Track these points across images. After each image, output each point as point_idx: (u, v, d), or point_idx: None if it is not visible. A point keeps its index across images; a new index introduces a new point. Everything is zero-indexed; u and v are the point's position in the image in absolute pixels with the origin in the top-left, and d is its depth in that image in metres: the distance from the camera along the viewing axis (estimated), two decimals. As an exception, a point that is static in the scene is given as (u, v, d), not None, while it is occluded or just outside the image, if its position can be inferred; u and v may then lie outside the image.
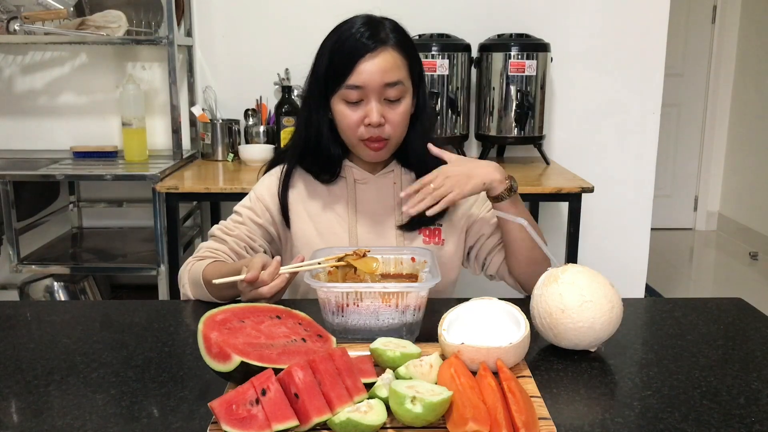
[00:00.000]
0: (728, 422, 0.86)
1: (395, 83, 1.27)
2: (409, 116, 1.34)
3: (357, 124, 1.29)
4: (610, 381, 0.97)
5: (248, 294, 1.15)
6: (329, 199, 1.39)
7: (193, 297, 1.31)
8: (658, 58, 2.82)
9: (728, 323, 1.19)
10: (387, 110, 1.29)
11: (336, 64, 1.28)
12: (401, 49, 1.29)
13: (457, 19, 2.75)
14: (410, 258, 1.21)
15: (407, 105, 1.31)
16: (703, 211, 4.95)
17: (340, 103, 1.30)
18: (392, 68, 1.27)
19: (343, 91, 1.28)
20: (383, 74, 1.26)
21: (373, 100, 1.27)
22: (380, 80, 1.26)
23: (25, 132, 2.88)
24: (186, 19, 2.75)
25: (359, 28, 1.28)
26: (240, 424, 0.78)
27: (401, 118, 1.30)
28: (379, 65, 1.26)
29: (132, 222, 2.94)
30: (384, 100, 1.28)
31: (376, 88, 1.26)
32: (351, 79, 1.26)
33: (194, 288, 1.30)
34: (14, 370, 1.00)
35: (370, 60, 1.26)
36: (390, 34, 1.29)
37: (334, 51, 1.29)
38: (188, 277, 1.32)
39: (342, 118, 1.30)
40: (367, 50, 1.26)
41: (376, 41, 1.27)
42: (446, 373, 0.88)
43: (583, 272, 1.06)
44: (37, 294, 2.70)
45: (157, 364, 1.02)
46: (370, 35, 1.27)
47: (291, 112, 2.68)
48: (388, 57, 1.27)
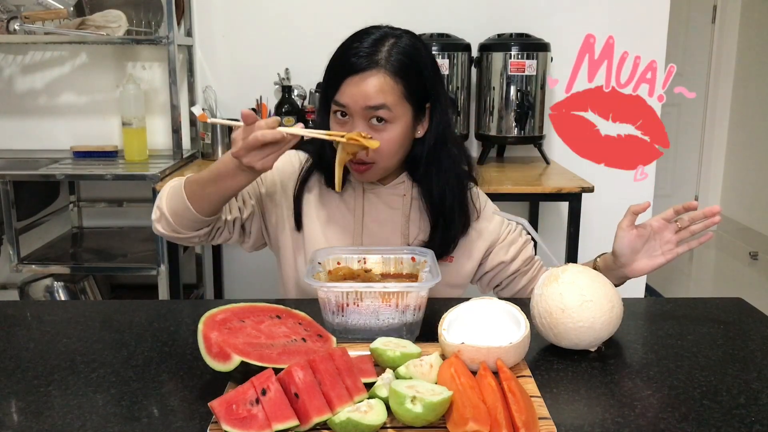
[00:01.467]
0: (728, 422, 0.86)
1: (379, 107, 1.21)
2: (403, 142, 1.27)
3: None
4: (610, 381, 0.97)
5: (240, 142, 1.10)
6: (339, 206, 1.36)
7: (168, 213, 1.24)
8: (658, 58, 2.81)
9: (728, 323, 1.19)
10: (372, 134, 1.22)
11: (329, 78, 1.26)
12: (397, 75, 1.22)
13: (457, 19, 2.75)
14: (410, 258, 1.21)
15: (397, 131, 1.24)
16: (703, 211, 4.95)
17: (332, 116, 1.27)
18: (377, 92, 1.20)
19: (333, 106, 1.25)
20: (365, 98, 1.21)
21: (357, 121, 1.23)
22: (362, 103, 1.21)
23: (25, 132, 2.88)
24: (186, 19, 2.75)
25: (362, 42, 1.23)
26: (240, 423, 0.78)
27: (387, 144, 1.23)
28: (362, 88, 1.21)
29: (132, 222, 2.94)
30: (370, 121, 1.23)
31: (359, 110, 1.22)
32: (337, 96, 1.23)
33: (170, 199, 1.24)
34: (14, 369, 1.00)
35: (354, 81, 1.21)
36: (391, 55, 1.22)
37: (331, 63, 1.26)
38: (168, 191, 1.27)
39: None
40: (355, 70, 1.21)
41: (368, 61, 1.21)
42: (446, 373, 0.88)
43: (584, 272, 1.06)
44: (37, 294, 2.69)
45: (157, 364, 1.02)
46: (366, 54, 1.21)
47: (291, 112, 2.68)
48: (375, 81, 1.21)
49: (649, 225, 1.21)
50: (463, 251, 1.37)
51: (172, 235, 1.28)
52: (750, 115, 4.55)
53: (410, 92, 1.24)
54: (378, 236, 1.35)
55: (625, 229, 1.21)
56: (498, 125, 2.62)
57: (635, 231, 1.21)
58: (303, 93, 2.77)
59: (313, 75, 2.73)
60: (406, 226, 1.36)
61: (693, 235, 1.20)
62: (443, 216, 1.32)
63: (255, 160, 1.11)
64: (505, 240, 1.39)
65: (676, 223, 1.20)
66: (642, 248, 1.22)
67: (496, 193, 2.25)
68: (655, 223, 1.21)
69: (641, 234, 1.21)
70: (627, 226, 1.21)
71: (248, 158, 1.11)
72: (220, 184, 1.19)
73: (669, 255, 1.21)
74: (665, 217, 1.20)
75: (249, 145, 1.10)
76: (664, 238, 1.21)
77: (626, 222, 1.21)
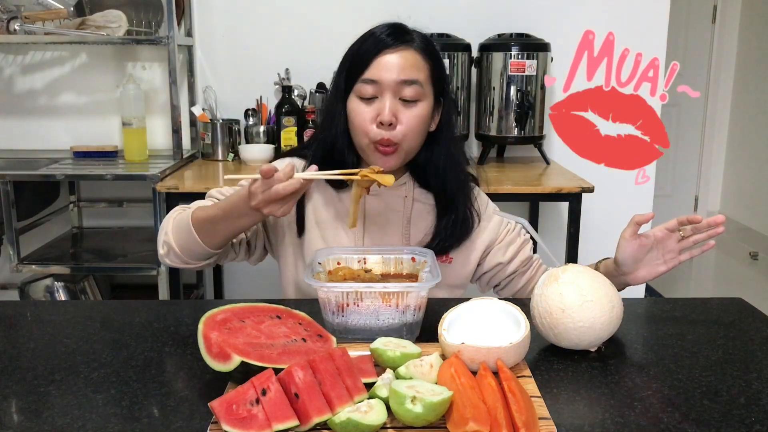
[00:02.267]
0: (728, 422, 0.86)
1: (412, 82, 1.23)
2: (427, 126, 1.28)
3: (369, 122, 1.24)
4: (610, 381, 0.97)
5: (260, 196, 1.09)
6: (340, 208, 1.35)
7: (176, 246, 1.25)
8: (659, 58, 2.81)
9: (728, 323, 1.19)
10: (401, 110, 1.24)
11: (355, 61, 1.26)
12: (424, 52, 1.26)
13: (457, 19, 2.76)
14: (410, 258, 1.21)
15: (424, 110, 1.26)
16: (703, 211, 4.95)
17: (355, 99, 1.26)
18: (411, 66, 1.24)
19: (358, 86, 1.25)
20: (400, 70, 1.23)
21: (387, 97, 1.23)
22: (396, 76, 1.22)
23: (25, 132, 2.88)
24: (186, 19, 2.75)
25: (384, 28, 1.27)
26: (240, 424, 0.78)
27: (415, 122, 1.24)
28: (398, 60, 1.23)
29: (132, 222, 2.94)
30: (400, 99, 1.24)
31: (392, 84, 1.22)
32: (367, 72, 1.23)
33: (178, 234, 1.25)
34: (14, 370, 1.00)
35: (388, 54, 1.23)
36: (416, 37, 1.27)
37: (355, 49, 1.27)
38: (173, 224, 1.26)
39: (355, 115, 1.26)
40: (387, 46, 1.24)
41: (398, 39, 1.24)
42: (446, 373, 0.88)
43: (584, 272, 1.06)
44: (38, 294, 2.70)
45: (157, 364, 1.02)
46: (393, 33, 1.25)
47: (291, 112, 2.68)
48: (408, 55, 1.24)
49: (652, 235, 1.21)
50: (462, 252, 1.37)
51: (181, 266, 1.29)
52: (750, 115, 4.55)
53: (435, 76, 1.28)
54: (379, 238, 1.35)
55: (628, 238, 1.21)
56: (498, 125, 2.62)
57: (638, 240, 1.21)
58: (303, 93, 2.77)
59: (313, 75, 2.74)
60: (408, 228, 1.36)
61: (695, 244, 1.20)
62: (452, 212, 1.33)
63: (275, 209, 1.12)
64: (503, 240, 1.39)
65: (679, 232, 1.20)
66: (644, 257, 1.22)
67: (496, 193, 2.25)
68: (658, 233, 1.21)
69: (644, 244, 1.21)
70: (630, 235, 1.21)
71: (268, 209, 1.12)
72: (234, 222, 1.20)
73: (671, 263, 1.22)
74: (668, 228, 1.20)
75: (269, 198, 1.10)
76: (667, 247, 1.21)
77: (629, 231, 1.21)
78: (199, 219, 1.22)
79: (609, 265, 1.27)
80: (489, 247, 1.39)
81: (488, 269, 1.40)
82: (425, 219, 1.36)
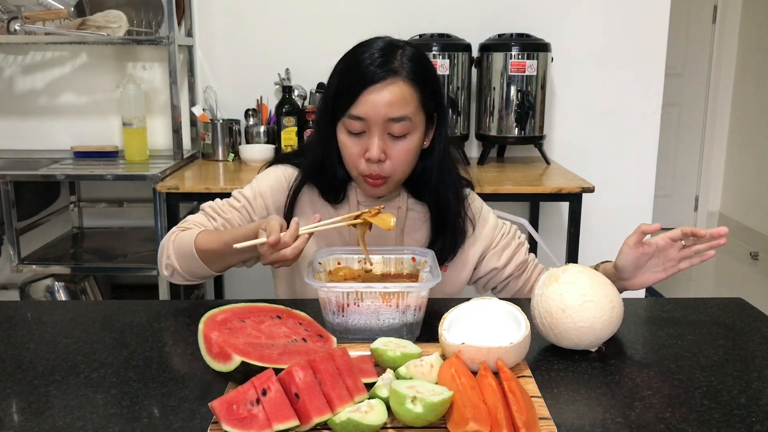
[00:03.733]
0: (729, 422, 0.86)
1: (400, 119, 1.19)
2: (418, 153, 1.26)
3: (357, 157, 1.22)
4: (610, 381, 0.97)
5: (270, 257, 1.09)
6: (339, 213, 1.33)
7: (181, 269, 1.25)
8: (658, 58, 2.82)
9: (728, 323, 1.19)
10: (390, 145, 1.21)
11: (342, 90, 1.21)
12: (414, 82, 1.20)
13: (457, 19, 2.76)
14: (411, 258, 1.21)
15: (414, 142, 1.23)
16: (703, 211, 4.95)
17: (344, 132, 1.23)
18: (399, 102, 1.18)
19: (346, 120, 1.21)
20: (388, 108, 1.18)
21: (375, 134, 1.20)
22: (384, 114, 1.18)
23: (26, 132, 2.88)
24: (186, 19, 2.75)
25: (373, 53, 1.20)
26: (240, 424, 0.78)
27: (404, 156, 1.22)
28: (385, 98, 1.18)
29: (132, 222, 2.94)
30: (388, 134, 1.21)
31: (379, 122, 1.19)
32: (354, 108, 1.19)
33: (182, 260, 1.24)
34: (15, 370, 1.00)
35: (375, 91, 1.18)
36: (405, 63, 1.20)
37: (344, 74, 1.22)
38: (174, 247, 1.26)
39: (344, 149, 1.24)
40: (375, 80, 1.18)
41: (386, 70, 1.18)
42: (447, 373, 0.88)
43: (584, 272, 1.06)
44: (38, 294, 2.70)
45: (158, 364, 1.02)
46: (382, 63, 1.18)
47: (291, 112, 2.68)
48: (396, 90, 1.18)
49: (654, 243, 1.21)
50: (456, 260, 1.36)
51: (185, 283, 1.31)
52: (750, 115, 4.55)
53: (424, 100, 1.23)
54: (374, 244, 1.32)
55: (631, 246, 1.21)
56: (498, 125, 2.62)
57: (641, 249, 1.21)
58: (303, 93, 2.77)
59: (313, 75, 2.74)
60: (401, 238, 1.35)
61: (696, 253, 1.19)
62: (446, 224, 1.32)
63: (284, 265, 1.13)
64: (498, 245, 1.38)
65: (681, 242, 1.20)
66: (644, 264, 1.22)
67: (496, 193, 2.25)
68: (661, 241, 1.20)
69: (646, 252, 1.21)
70: (634, 244, 1.20)
71: (278, 264, 1.13)
72: (239, 256, 1.21)
73: (670, 271, 1.22)
74: (672, 237, 1.19)
75: (278, 258, 1.10)
76: (668, 255, 1.21)
77: (634, 240, 1.21)
78: (203, 249, 1.22)
79: (608, 269, 1.27)
80: (484, 253, 1.38)
81: (483, 274, 1.39)
82: (420, 229, 1.36)
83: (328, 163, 1.29)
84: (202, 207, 1.36)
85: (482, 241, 1.38)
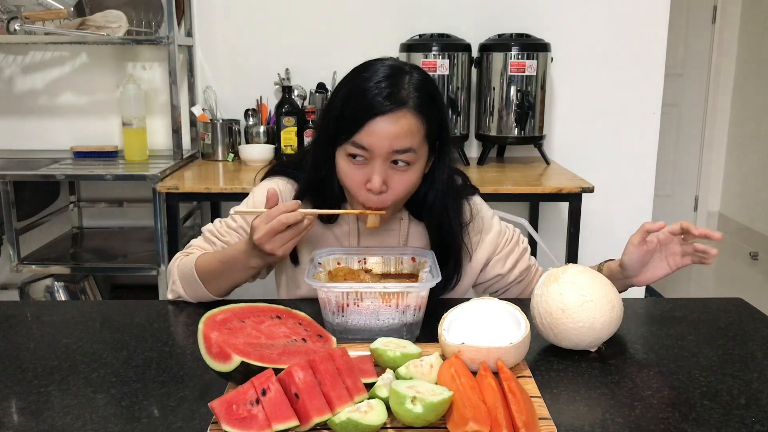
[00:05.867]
0: (728, 422, 0.86)
1: (406, 150, 1.15)
2: (417, 183, 1.22)
3: (358, 186, 1.19)
4: (610, 381, 0.97)
5: (263, 228, 1.10)
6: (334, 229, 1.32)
7: (186, 295, 1.26)
8: (658, 58, 2.82)
9: (728, 323, 1.19)
10: (392, 175, 1.17)
11: (346, 116, 1.17)
12: (421, 112, 1.16)
13: (457, 19, 2.76)
14: (410, 258, 1.21)
15: (416, 173, 1.20)
16: (703, 211, 4.95)
17: (344, 157, 1.19)
18: (405, 134, 1.14)
19: (348, 146, 1.16)
20: (393, 140, 1.14)
21: (377, 165, 1.16)
22: (389, 146, 1.14)
23: (25, 132, 2.88)
24: (186, 19, 2.75)
25: (380, 81, 1.15)
26: (240, 424, 0.78)
27: (405, 186, 1.19)
28: (391, 130, 1.13)
29: (132, 222, 2.94)
30: (391, 162, 1.17)
31: (383, 154, 1.15)
32: (358, 136, 1.15)
33: (186, 284, 1.26)
34: (14, 370, 1.00)
35: (382, 122, 1.13)
36: (412, 92, 1.16)
37: (348, 99, 1.17)
38: (178, 272, 1.27)
39: (344, 176, 1.20)
40: (382, 111, 1.13)
41: (393, 101, 1.14)
42: (446, 373, 0.88)
43: (584, 272, 1.06)
44: (38, 294, 2.70)
45: (158, 364, 1.02)
46: (389, 94, 1.14)
47: (291, 112, 2.68)
48: (403, 122, 1.14)
49: (656, 238, 1.21)
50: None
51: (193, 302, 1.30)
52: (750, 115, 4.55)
53: (430, 130, 1.19)
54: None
55: (636, 245, 1.21)
56: (498, 125, 2.62)
57: (645, 246, 1.21)
58: (303, 93, 2.77)
59: (313, 75, 2.74)
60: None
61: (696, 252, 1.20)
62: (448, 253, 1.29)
63: (277, 246, 1.12)
64: (503, 252, 1.36)
65: (681, 236, 1.20)
66: (650, 261, 1.23)
67: (496, 193, 2.25)
68: (662, 236, 1.21)
69: (650, 249, 1.22)
70: (638, 242, 1.21)
71: (271, 244, 1.12)
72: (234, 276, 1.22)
73: (674, 266, 1.22)
74: (672, 231, 1.20)
75: (273, 229, 1.09)
76: (670, 249, 1.22)
77: (638, 238, 1.21)
78: (203, 270, 1.23)
79: (613, 267, 1.27)
80: (488, 260, 1.36)
81: (487, 280, 1.38)
82: (421, 239, 1.34)
83: (326, 185, 1.27)
84: (203, 230, 1.37)
85: (486, 250, 1.35)
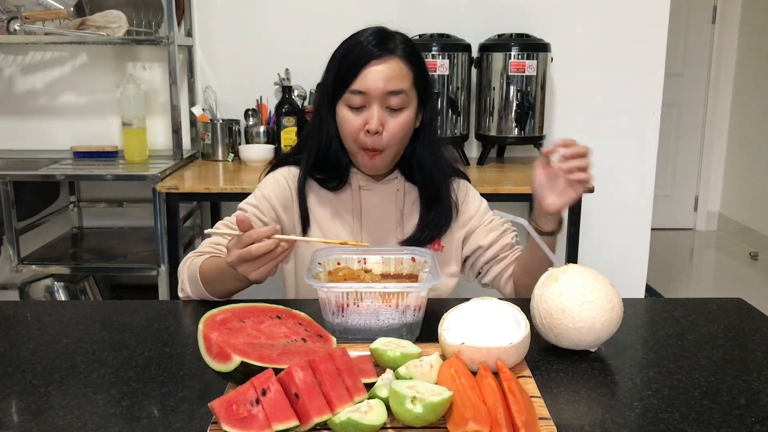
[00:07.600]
0: (728, 422, 0.86)
1: (398, 92, 1.29)
2: (411, 129, 1.35)
3: (357, 130, 1.30)
4: (610, 381, 0.97)
5: (234, 252, 1.09)
6: (337, 205, 1.40)
7: (192, 295, 1.29)
8: (658, 58, 2.82)
9: (728, 323, 1.19)
10: (387, 119, 1.30)
11: (342, 70, 1.30)
12: (408, 61, 1.31)
13: (457, 19, 2.76)
14: (410, 258, 1.21)
15: (409, 117, 1.32)
16: (703, 211, 4.95)
17: (344, 108, 1.31)
18: (397, 77, 1.29)
19: (347, 96, 1.30)
20: (387, 81, 1.28)
21: (374, 107, 1.29)
22: (383, 87, 1.28)
23: (25, 132, 2.88)
24: (186, 19, 2.75)
25: (368, 36, 1.31)
26: (240, 424, 0.78)
27: (400, 129, 1.31)
28: (384, 72, 1.28)
29: (132, 222, 2.94)
30: (386, 108, 1.30)
31: (379, 95, 1.28)
32: (355, 83, 1.28)
33: (192, 285, 1.28)
34: (14, 370, 1.00)
35: (375, 66, 1.28)
36: (399, 45, 1.31)
37: (343, 57, 1.31)
38: (187, 273, 1.30)
39: (344, 123, 1.32)
40: (373, 57, 1.28)
41: (383, 49, 1.29)
42: (446, 373, 0.88)
43: (584, 272, 1.06)
44: (38, 294, 2.70)
45: (158, 364, 1.02)
46: (378, 43, 1.29)
47: (291, 112, 2.68)
48: (394, 66, 1.29)
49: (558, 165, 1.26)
50: (449, 236, 1.42)
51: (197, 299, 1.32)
52: (750, 115, 4.55)
53: (417, 79, 1.33)
54: (376, 233, 1.40)
55: (537, 167, 1.28)
56: (498, 125, 2.62)
57: (547, 168, 1.27)
58: (303, 93, 2.77)
59: (313, 75, 2.72)
60: (401, 221, 1.41)
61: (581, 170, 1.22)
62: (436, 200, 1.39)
63: (249, 271, 1.11)
64: (487, 225, 1.44)
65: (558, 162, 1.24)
66: (552, 185, 1.27)
67: (496, 193, 2.25)
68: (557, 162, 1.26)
69: (550, 172, 1.26)
70: (539, 165, 1.28)
71: (243, 269, 1.12)
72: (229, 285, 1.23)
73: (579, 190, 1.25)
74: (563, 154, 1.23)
75: (242, 257, 1.09)
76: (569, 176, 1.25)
77: (538, 162, 1.28)
78: (205, 274, 1.26)
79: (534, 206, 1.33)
80: (471, 231, 1.44)
81: (469, 252, 1.45)
82: (415, 211, 1.42)
83: (332, 149, 1.36)
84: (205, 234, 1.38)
85: (469, 215, 1.44)
